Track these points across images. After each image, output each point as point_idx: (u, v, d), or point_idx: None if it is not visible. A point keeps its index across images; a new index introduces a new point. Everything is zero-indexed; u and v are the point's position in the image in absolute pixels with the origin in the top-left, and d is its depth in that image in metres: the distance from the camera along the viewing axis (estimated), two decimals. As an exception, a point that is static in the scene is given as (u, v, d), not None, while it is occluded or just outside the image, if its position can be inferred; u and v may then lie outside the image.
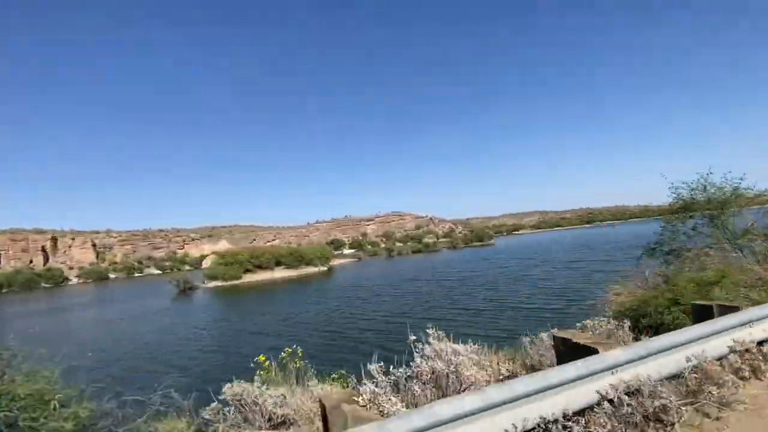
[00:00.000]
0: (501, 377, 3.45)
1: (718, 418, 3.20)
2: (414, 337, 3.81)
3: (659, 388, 3.08)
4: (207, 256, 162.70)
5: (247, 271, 78.41)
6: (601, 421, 2.85)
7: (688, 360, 3.48)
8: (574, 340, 3.34)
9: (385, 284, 45.60)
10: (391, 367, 3.49)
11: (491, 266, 54.28)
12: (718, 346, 3.73)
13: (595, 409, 2.95)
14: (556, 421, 2.71)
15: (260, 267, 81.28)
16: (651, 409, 2.95)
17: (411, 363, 3.54)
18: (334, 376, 6.20)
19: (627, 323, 4.18)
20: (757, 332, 3.99)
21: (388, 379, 3.26)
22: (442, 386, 3.20)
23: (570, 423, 2.82)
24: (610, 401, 2.88)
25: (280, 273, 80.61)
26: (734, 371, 3.62)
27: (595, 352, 3.19)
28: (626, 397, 2.83)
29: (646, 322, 4.80)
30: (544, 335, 4.17)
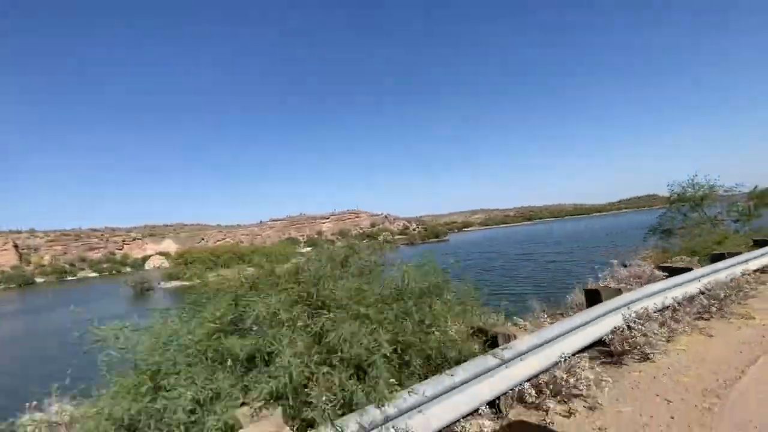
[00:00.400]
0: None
1: (746, 303, 6.24)
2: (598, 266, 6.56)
3: (722, 287, 6.04)
4: (151, 256, 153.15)
5: (209, 270, 76.03)
6: (702, 300, 5.72)
7: (727, 276, 6.51)
8: (675, 266, 6.24)
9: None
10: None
11: (455, 260, 58.00)
12: (737, 271, 6.83)
13: (696, 297, 5.82)
14: (684, 301, 5.55)
15: (222, 266, 79.25)
16: (722, 296, 5.88)
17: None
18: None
19: (697, 258, 7.24)
20: (752, 265, 7.19)
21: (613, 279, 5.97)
22: (642, 281, 5.98)
23: (683, 300, 5.67)
24: (708, 290, 5.78)
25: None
26: (751, 280, 6.74)
27: (689, 270, 6.09)
28: (716, 287, 5.74)
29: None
30: (647, 269, 7.08)
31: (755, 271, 7.19)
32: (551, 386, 3.63)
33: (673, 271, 6.02)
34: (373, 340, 2.84)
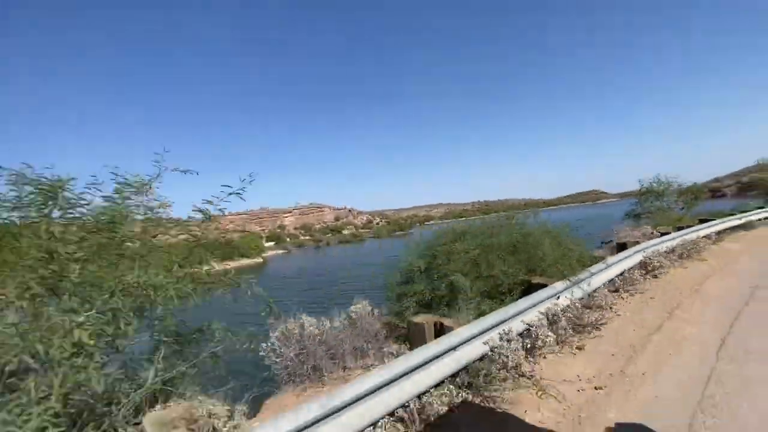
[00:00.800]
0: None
1: (700, 254, 10.22)
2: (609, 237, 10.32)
3: (687, 244, 9.97)
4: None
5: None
6: (679, 249, 9.57)
7: (691, 239, 10.49)
8: (662, 231, 10.09)
9: (344, 268, 48.30)
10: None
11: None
12: (693, 236, 10.85)
13: (675, 248, 9.68)
14: (671, 250, 9.38)
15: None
16: (689, 248, 9.78)
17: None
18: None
19: (670, 227, 11.20)
20: (701, 233, 11.30)
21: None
22: (647, 237, 9.73)
23: (669, 250, 9.49)
24: (681, 245, 9.64)
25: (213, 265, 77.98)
26: (701, 243, 10.77)
27: (670, 233, 9.95)
28: (684, 244, 9.63)
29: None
30: (649, 230, 10.87)
31: (703, 237, 11.28)
32: (622, 282, 7.13)
33: (663, 233, 9.86)
34: (559, 253, 6.18)
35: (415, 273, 6.65)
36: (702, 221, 12.74)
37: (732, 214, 14.60)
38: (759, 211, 15.22)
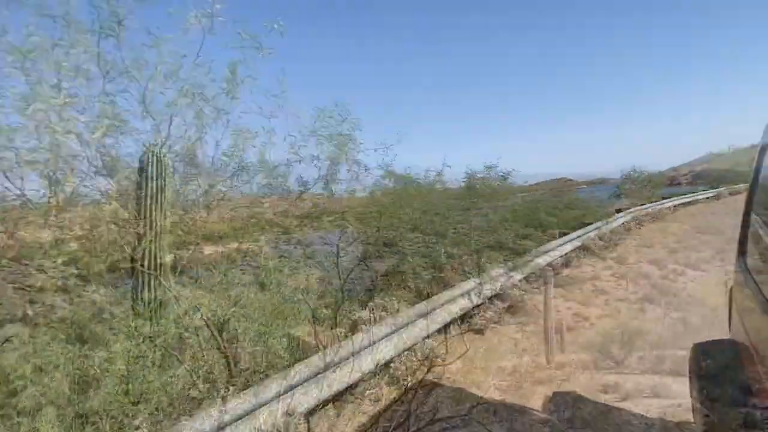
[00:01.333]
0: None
1: (663, 216, 16.05)
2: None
3: (657, 211, 15.75)
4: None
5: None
6: (652, 213, 15.31)
7: (658, 208, 16.29)
8: (641, 203, 15.82)
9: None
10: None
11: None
12: (659, 207, 16.68)
13: (650, 213, 15.42)
14: (647, 213, 15.13)
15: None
16: (657, 214, 15.54)
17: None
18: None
19: (646, 201, 16.96)
20: (665, 206, 17.20)
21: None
22: (634, 206, 15.35)
23: (646, 213, 15.20)
24: (654, 212, 15.39)
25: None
26: (665, 212, 16.61)
27: (644, 204, 15.70)
28: (654, 211, 15.38)
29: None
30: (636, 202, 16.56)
31: (665, 208, 17.11)
32: (624, 228, 12.67)
33: (643, 204, 15.60)
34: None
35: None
36: (664, 198, 18.70)
37: (684, 195, 20.77)
38: (703, 191, 21.53)
